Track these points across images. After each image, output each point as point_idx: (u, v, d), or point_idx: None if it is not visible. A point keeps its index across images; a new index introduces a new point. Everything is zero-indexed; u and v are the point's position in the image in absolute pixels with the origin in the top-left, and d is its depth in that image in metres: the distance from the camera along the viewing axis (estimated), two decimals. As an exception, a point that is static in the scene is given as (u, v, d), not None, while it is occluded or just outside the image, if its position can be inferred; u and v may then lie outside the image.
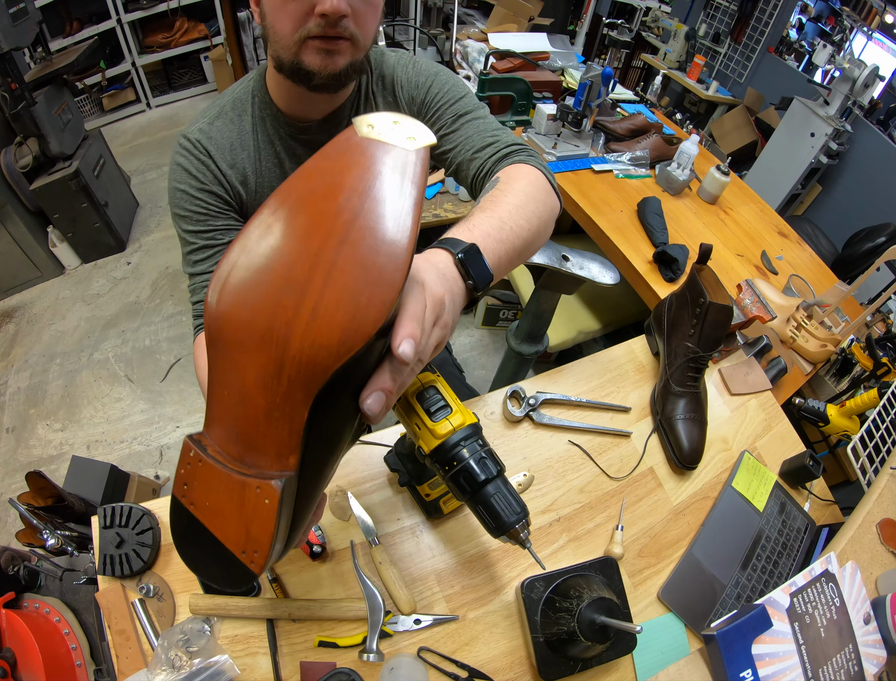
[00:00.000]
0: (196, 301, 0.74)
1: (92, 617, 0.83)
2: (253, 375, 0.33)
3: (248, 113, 0.75)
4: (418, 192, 0.35)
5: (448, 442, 0.45)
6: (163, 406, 1.99)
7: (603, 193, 1.48)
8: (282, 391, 0.33)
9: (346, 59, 0.64)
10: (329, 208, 0.34)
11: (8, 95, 1.92)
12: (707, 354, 0.82)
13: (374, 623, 0.58)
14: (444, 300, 0.41)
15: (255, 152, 0.76)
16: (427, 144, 0.36)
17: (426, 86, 0.78)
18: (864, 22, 2.82)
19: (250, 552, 0.33)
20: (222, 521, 0.35)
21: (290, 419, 0.33)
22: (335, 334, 0.31)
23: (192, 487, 0.35)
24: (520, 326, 1.15)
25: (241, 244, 0.34)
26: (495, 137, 0.73)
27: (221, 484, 0.34)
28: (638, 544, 0.75)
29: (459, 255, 0.46)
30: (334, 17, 0.58)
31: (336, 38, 0.61)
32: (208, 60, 3.54)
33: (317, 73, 0.63)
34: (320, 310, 0.31)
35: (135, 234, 2.68)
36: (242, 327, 0.33)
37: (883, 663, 0.64)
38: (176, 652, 0.59)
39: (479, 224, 0.52)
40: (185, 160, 0.72)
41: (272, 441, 0.34)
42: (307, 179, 0.36)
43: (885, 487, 0.79)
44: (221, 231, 0.73)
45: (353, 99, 0.78)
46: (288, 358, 0.32)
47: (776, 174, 2.75)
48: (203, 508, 0.35)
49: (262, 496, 0.33)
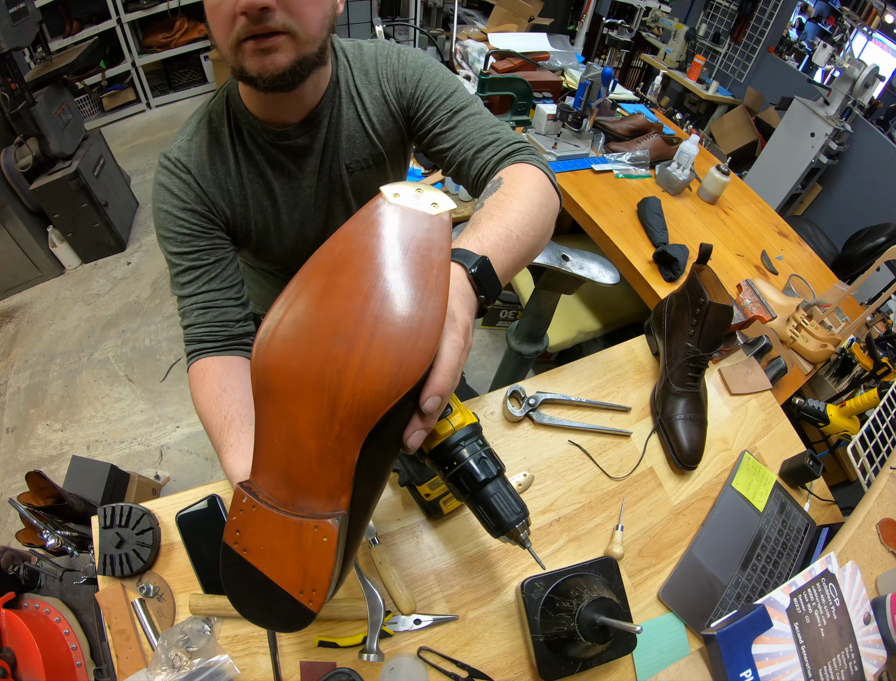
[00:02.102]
0: (187, 325, 0.71)
1: (92, 617, 0.83)
2: (305, 422, 0.36)
3: (224, 124, 0.72)
4: (447, 250, 0.39)
5: (448, 442, 0.45)
6: (163, 406, 1.99)
7: (603, 193, 1.48)
8: (334, 435, 0.35)
9: (289, 55, 0.58)
10: (370, 267, 0.37)
11: (8, 95, 1.92)
12: (707, 354, 0.82)
13: (374, 623, 0.58)
14: (469, 325, 0.42)
15: (236, 165, 0.73)
16: (449, 210, 0.40)
17: (414, 79, 0.75)
18: (864, 22, 2.82)
19: (308, 591, 0.35)
20: (278, 563, 0.36)
21: (341, 461, 0.35)
22: (384, 381, 0.34)
23: (246, 532, 0.37)
24: (520, 326, 1.15)
25: (285, 301, 0.37)
26: (496, 135, 0.71)
27: (277, 527, 0.36)
28: (638, 544, 0.75)
29: (473, 269, 0.46)
30: (253, 11, 0.52)
31: (267, 35, 0.55)
32: (208, 60, 3.55)
33: (258, 77, 0.58)
34: (369, 358, 0.34)
35: (135, 234, 2.68)
36: (293, 377, 0.36)
37: (883, 663, 0.64)
38: (176, 652, 0.59)
39: (489, 234, 0.52)
40: (166, 179, 0.70)
41: (324, 483, 0.36)
42: (344, 241, 0.39)
43: (885, 487, 0.79)
44: (206, 251, 0.71)
45: (332, 97, 0.74)
46: (340, 403, 0.35)
47: (776, 174, 2.75)
48: (257, 552, 0.36)
49: (320, 535, 0.34)
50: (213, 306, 0.71)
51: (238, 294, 0.73)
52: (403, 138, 0.82)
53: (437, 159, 0.78)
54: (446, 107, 0.74)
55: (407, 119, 0.78)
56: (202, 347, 0.70)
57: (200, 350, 0.70)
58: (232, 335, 0.71)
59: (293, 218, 0.80)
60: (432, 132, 0.75)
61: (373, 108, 0.77)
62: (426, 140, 0.77)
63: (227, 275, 0.72)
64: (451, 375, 0.37)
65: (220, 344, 0.71)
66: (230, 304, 0.72)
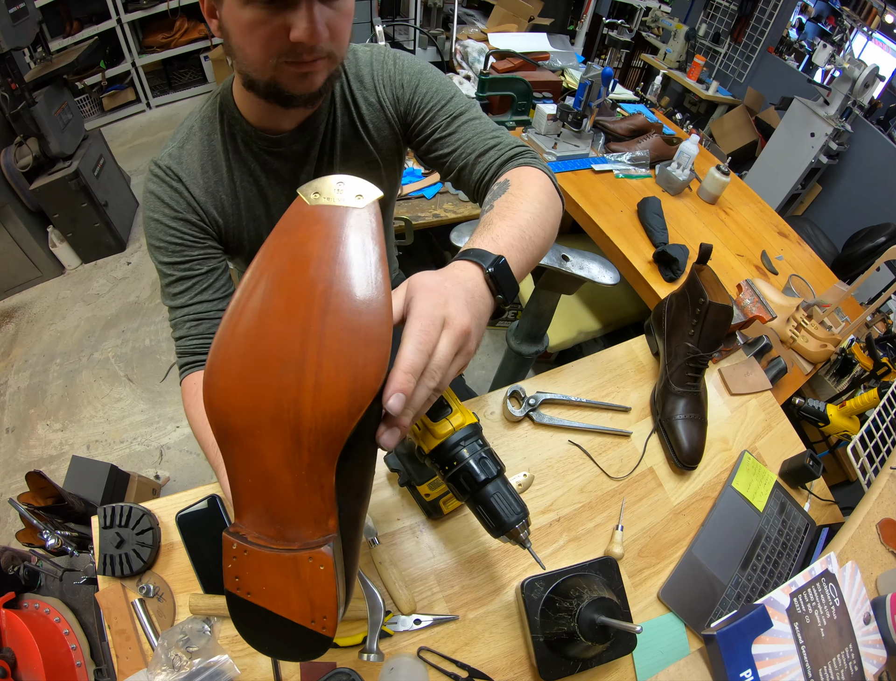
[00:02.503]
0: (178, 336, 0.70)
1: (92, 617, 0.83)
2: (273, 457, 0.35)
3: (217, 131, 0.71)
4: (380, 246, 0.36)
5: (448, 442, 0.45)
6: (163, 406, 1.99)
7: (603, 193, 1.48)
8: (305, 464, 0.34)
9: (324, 75, 0.61)
10: (302, 282, 0.35)
11: (8, 95, 1.92)
12: (707, 354, 0.82)
13: (374, 623, 0.58)
14: (471, 329, 0.40)
15: (228, 173, 0.72)
16: (376, 198, 0.37)
17: (412, 85, 0.74)
18: (864, 22, 2.82)
19: (319, 619, 0.35)
20: (284, 600, 0.35)
21: (319, 486, 0.35)
22: (343, 399, 0.33)
23: (245, 577, 0.36)
24: (520, 326, 1.15)
25: (224, 334, 0.36)
26: (497, 139, 0.71)
27: (273, 566, 0.35)
28: (638, 544, 0.75)
29: (490, 269, 0.46)
30: (311, 44, 0.55)
31: (313, 61, 0.58)
32: (208, 60, 3.55)
33: (296, 96, 0.60)
34: (322, 380, 0.33)
35: (135, 234, 2.68)
36: (250, 415, 0.34)
37: (883, 663, 0.64)
38: (176, 652, 0.59)
39: (503, 235, 0.52)
40: (157, 188, 0.69)
41: (307, 511, 0.35)
42: (272, 257, 0.37)
43: (885, 487, 0.79)
44: (198, 261, 0.70)
45: (329, 105, 0.74)
46: (304, 432, 0.33)
47: (776, 174, 2.75)
48: (261, 593, 0.36)
49: (317, 565, 0.34)
50: (205, 318, 0.70)
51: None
52: (399, 144, 0.81)
53: (435, 165, 0.77)
54: (445, 112, 0.73)
55: (404, 125, 0.78)
56: (195, 359, 0.70)
57: (193, 363, 0.70)
58: None
59: None
60: (431, 138, 0.75)
61: (368, 115, 0.76)
62: (425, 146, 0.77)
63: (220, 285, 0.72)
64: (411, 375, 0.35)
65: None
66: (222, 315, 0.71)
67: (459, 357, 0.40)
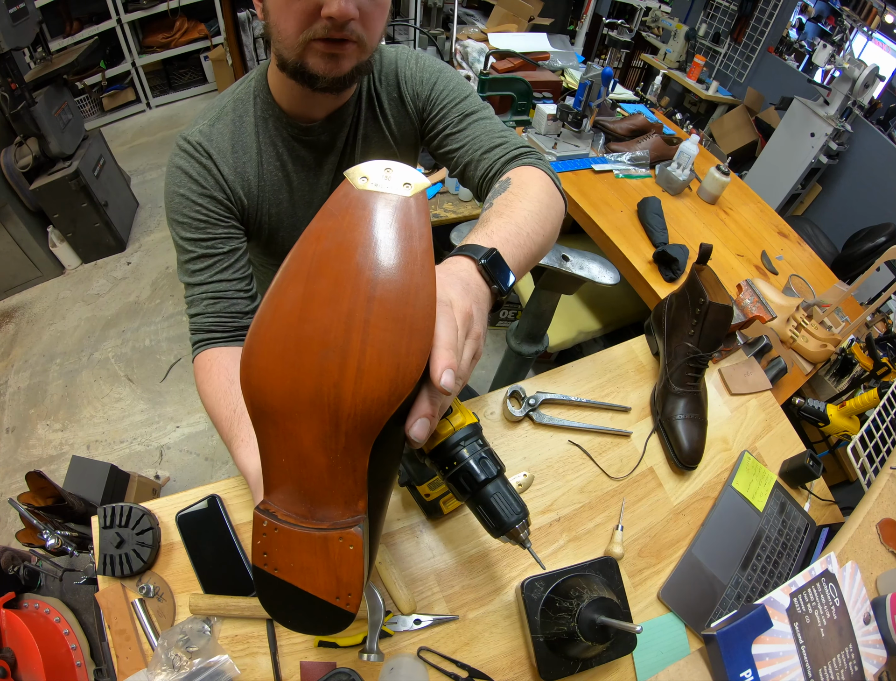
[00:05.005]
0: (194, 313, 0.70)
1: (92, 617, 0.83)
2: (310, 439, 0.35)
3: (249, 114, 0.73)
4: (427, 236, 0.36)
5: (448, 442, 0.45)
6: (163, 406, 1.99)
7: (603, 193, 1.48)
8: (341, 447, 0.35)
9: (352, 62, 0.62)
10: (348, 268, 0.35)
11: (8, 95, 1.92)
12: (707, 354, 0.82)
13: (374, 623, 0.58)
14: (472, 312, 0.41)
15: (258, 155, 0.74)
16: (423, 187, 0.37)
17: (431, 82, 0.77)
18: (864, 22, 2.82)
19: (344, 596, 0.36)
20: (311, 576, 0.36)
21: (353, 469, 0.35)
22: (384, 387, 0.33)
23: (273, 553, 0.37)
24: (520, 326, 1.15)
25: (265, 315, 0.35)
26: (504, 138, 0.72)
27: (302, 543, 0.36)
28: (638, 544, 0.75)
29: (482, 261, 0.46)
30: (341, 20, 0.56)
31: (342, 42, 0.59)
32: (208, 60, 3.55)
33: (321, 77, 0.61)
34: (365, 367, 0.33)
35: (135, 234, 2.68)
36: (289, 398, 0.35)
37: (883, 663, 0.64)
38: (176, 652, 0.59)
39: (498, 230, 0.52)
40: (185, 163, 0.69)
41: (339, 492, 0.36)
42: (316, 241, 0.36)
43: (885, 487, 0.79)
44: (221, 240, 0.70)
45: (356, 98, 0.77)
46: (343, 416, 0.34)
47: (776, 174, 2.75)
48: (288, 570, 0.36)
49: (346, 545, 0.35)
50: (223, 297, 0.70)
51: (248, 287, 0.73)
52: (416, 139, 0.84)
53: (444, 160, 0.80)
54: (458, 110, 0.76)
55: (421, 120, 0.81)
56: (210, 336, 0.70)
57: (208, 340, 0.70)
58: (241, 326, 0.71)
59: (307, 214, 0.81)
60: (443, 133, 0.78)
61: (390, 110, 0.80)
62: (437, 141, 0.79)
63: (240, 266, 0.72)
64: (454, 351, 0.36)
65: (229, 334, 0.70)
66: (240, 295, 0.71)
67: (470, 340, 0.40)
